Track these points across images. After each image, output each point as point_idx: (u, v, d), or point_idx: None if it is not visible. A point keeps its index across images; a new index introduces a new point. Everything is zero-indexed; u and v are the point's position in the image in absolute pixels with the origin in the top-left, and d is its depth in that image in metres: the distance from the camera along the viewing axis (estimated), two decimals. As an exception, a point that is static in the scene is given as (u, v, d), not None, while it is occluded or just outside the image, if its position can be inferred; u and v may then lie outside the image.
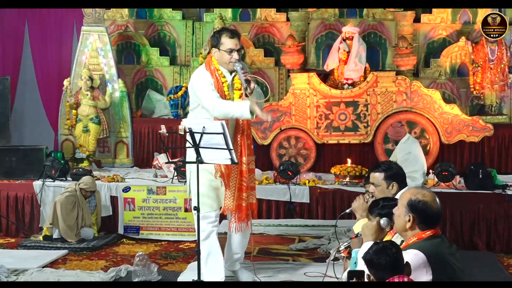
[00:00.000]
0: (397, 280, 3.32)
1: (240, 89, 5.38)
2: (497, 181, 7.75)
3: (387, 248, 3.41)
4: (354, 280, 3.38)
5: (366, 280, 3.42)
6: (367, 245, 3.80)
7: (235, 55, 5.34)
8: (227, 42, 5.34)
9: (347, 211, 4.67)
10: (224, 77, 5.44)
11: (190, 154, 5.33)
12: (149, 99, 9.93)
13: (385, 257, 3.37)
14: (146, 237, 7.93)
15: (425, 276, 3.49)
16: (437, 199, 3.75)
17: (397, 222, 3.75)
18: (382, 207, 4.10)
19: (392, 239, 3.87)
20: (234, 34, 5.41)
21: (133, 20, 10.20)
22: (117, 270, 6.29)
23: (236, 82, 5.41)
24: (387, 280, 3.34)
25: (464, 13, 9.75)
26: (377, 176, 4.67)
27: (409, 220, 3.67)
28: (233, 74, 5.44)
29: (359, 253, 3.82)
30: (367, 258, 3.43)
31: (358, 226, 4.28)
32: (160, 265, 6.67)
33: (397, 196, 4.50)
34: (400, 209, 3.73)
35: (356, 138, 8.93)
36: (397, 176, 4.68)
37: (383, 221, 3.85)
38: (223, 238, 7.05)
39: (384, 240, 3.68)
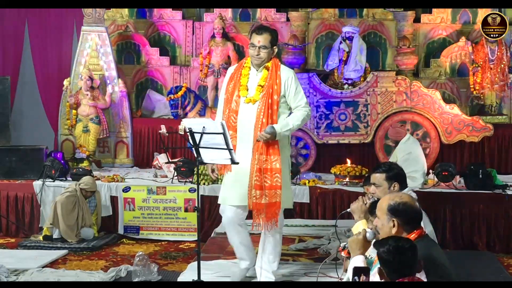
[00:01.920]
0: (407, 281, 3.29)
1: (262, 86, 5.35)
2: (497, 181, 7.74)
3: (404, 250, 3.35)
4: (361, 277, 3.35)
5: (379, 275, 3.39)
6: (355, 259, 3.77)
7: (255, 51, 5.34)
8: (252, 37, 5.42)
9: (346, 211, 4.66)
10: (248, 68, 5.45)
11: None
12: (149, 99, 9.93)
13: (400, 257, 3.32)
14: (146, 237, 7.93)
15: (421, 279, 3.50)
16: (414, 199, 3.77)
17: (382, 232, 3.71)
18: None
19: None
20: (261, 30, 5.39)
21: (133, 20, 10.20)
22: (117, 270, 6.29)
23: (261, 79, 5.38)
24: (397, 280, 3.31)
25: (464, 13, 9.76)
26: (378, 177, 4.67)
27: (393, 226, 3.65)
28: (260, 70, 5.42)
29: (349, 267, 3.80)
30: (381, 254, 3.37)
31: (357, 227, 4.27)
32: (160, 265, 6.67)
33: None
34: (381, 218, 3.71)
35: (356, 138, 8.93)
36: (398, 176, 4.69)
37: (369, 234, 3.81)
38: (223, 238, 7.06)
39: (401, 237, 3.61)
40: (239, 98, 5.39)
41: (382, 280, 3.38)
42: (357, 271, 3.39)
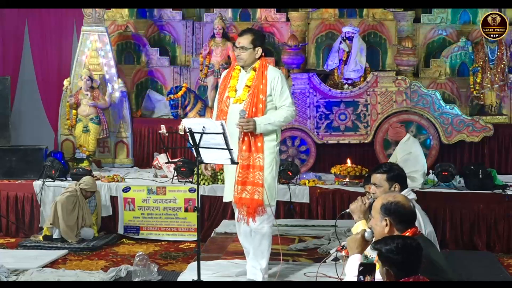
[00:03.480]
0: (412, 281, 3.28)
1: (249, 86, 5.42)
2: (497, 181, 7.75)
3: (409, 247, 3.33)
4: (366, 278, 3.32)
5: (386, 275, 3.37)
6: (353, 258, 3.76)
7: (236, 52, 5.48)
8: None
9: (346, 211, 4.65)
10: (238, 71, 5.53)
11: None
12: (149, 99, 9.94)
13: (408, 256, 3.31)
14: (146, 237, 7.93)
15: None
16: (408, 199, 3.79)
17: (376, 231, 3.74)
18: None
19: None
20: (243, 32, 5.54)
21: (133, 20, 10.20)
22: (117, 270, 6.29)
23: (248, 80, 5.44)
24: (403, 280, 3.30)
25: (464, 13, 9.75)
26: (379, 177, 4.65)
27: (386, 225, 3.68)
28: (248, 71, 5.49)
29: (346, 267, 3.79)
30: (385, 254, 3.35)
31: (356, 228, 4.27)
32: (160, 265, 6.67)
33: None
34: (374, 217, 3.75)
35: (356, 138, 8.93)
36: (398, 177, 4.66)
37: (367, 233, 3.81)
38: (224, 238, 7.06)
39: (406, 236, 3.59)
40: (228, 99, 5.49)
41: (387, 281, 3.37)
42: (363, 269, 3.36)
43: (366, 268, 3.36)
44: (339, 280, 4.56)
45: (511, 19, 9.33)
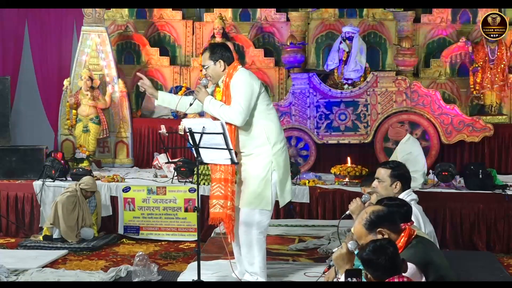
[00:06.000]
0: (397, 280, 3.29)
1: (221, 100, 5.36)
2: (497, 181, 7.75)
3: (385, 247, 3.36)
4: (353, 280, 3.35)
5: (364, 279, 3.39)
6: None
7: (203, 72, 5.58)
8: None
9: (346, 213, 4.64)
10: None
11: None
12: (149, 99, 9.93)
13: (384, 256, 3.33)
14: (146, 237, 7.93)
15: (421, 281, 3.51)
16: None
17: None
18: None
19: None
20: (202, 52, 5.58)
21: (133, 20, 10.20)
22: (117, 270, 6.29)
23: (219, 93, 5.42)
24: (386, 280, 3.32)
25: (464, 13, 9.76)
26: (383, 172, 4.62)
27: (383, 236, 3.61)
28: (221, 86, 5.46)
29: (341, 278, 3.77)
30: (364, 257, 3.37)
31: None
32: (160, 265, 6.67)
33: (400, 196, 4.47)
34: (367, 238, 3.63)
35: (356, 138, 8.93)
36: (402, 177, 4.64)
37: (350, 244, 3.71)
38: (222, 238, 7.06)
39: (378, 239, 3.61)
40: None
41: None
42: (349, 274, 3.38)
43: (352, 273, 3.38)
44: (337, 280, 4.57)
45: (511, 19, 9.33)
